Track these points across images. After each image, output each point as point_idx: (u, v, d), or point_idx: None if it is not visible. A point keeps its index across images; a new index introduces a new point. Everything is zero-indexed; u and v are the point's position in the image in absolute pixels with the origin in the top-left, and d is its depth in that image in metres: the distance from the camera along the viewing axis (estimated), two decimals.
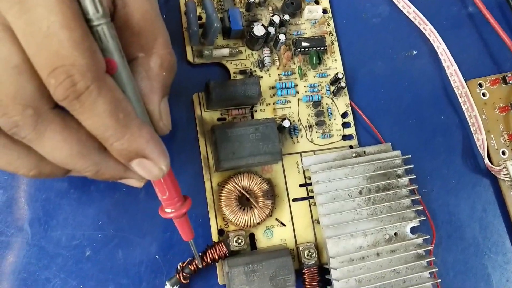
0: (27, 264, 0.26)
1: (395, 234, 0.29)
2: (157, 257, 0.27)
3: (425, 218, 0.29)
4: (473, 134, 0.33)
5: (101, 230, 0.27)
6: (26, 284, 0.26)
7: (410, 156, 0.29)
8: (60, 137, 0.18)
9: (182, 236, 0.24)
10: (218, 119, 0.29)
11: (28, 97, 0.17)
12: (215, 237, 0.28)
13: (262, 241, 0.28)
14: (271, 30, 0.29)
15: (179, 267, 0.26)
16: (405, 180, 0.29)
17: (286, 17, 0.30)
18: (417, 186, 0.29)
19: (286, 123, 0.28)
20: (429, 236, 0.29)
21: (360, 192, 0.29)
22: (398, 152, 0.30)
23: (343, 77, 0.30)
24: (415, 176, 0.29)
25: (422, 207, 0.29)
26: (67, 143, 0.18)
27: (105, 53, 0.18)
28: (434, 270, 0.28)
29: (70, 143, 0.18)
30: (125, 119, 0.18)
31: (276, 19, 0.29)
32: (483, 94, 0.34)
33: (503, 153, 0.33)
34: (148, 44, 0.20)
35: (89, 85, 0.17)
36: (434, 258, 0.28)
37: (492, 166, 0.32)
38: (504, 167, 0.31)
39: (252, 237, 0.28)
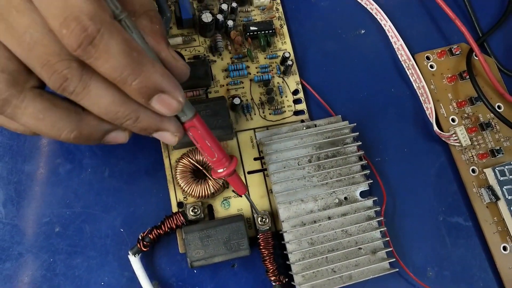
0: (1, 241, 0.28)
1: (345, 198, 0.30)
2: (122, 230, 0.29)
3: (372, 181, 0.30)
4: (423, 104, 0.35)
5: (69, 207, 0.29)
6: (1, 259, 0.28)
7: (356, 124, 0.31)
8: (103, 85, 0.20)
9: (237, 191, 0.27)
10: None
11: (68, 53, 0.19)
12: (175, 209, 0.30)
13: (220, 211, 0.30)
14: (220, 17, 0.32)
15: (140, 237, 0.28)
16: (353, 147, 0.31)
17: (234, 4, 0.32)
18: (363, 152, 0.31)
19: (236, 101, 0.31)
20: (376, 198, 0.30)
21: (310, 161, 0.30)
22: (345, 122, 0.31)
23: (290, 56, 0.32)
24: (360, 143, 0.31)
25: (369, 172, 0.31)
26: (109, 90, 0.20)
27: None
28: (383, 229, 0.30)
29: (112, 89, 0.20)
30: (138, 56, 0.20)
31: (224, 6, 0.32)
32: (431, 66, 0.35)
33: (453, 120, 0.34)
34: (135, 7, 0.23)
35: (99, 28, 0.18)
36: (383, 218, 0.30)
37: (442, 132, 0.33)
38: (454, 133, 0.33)
39: (210, 208, 0.30)
